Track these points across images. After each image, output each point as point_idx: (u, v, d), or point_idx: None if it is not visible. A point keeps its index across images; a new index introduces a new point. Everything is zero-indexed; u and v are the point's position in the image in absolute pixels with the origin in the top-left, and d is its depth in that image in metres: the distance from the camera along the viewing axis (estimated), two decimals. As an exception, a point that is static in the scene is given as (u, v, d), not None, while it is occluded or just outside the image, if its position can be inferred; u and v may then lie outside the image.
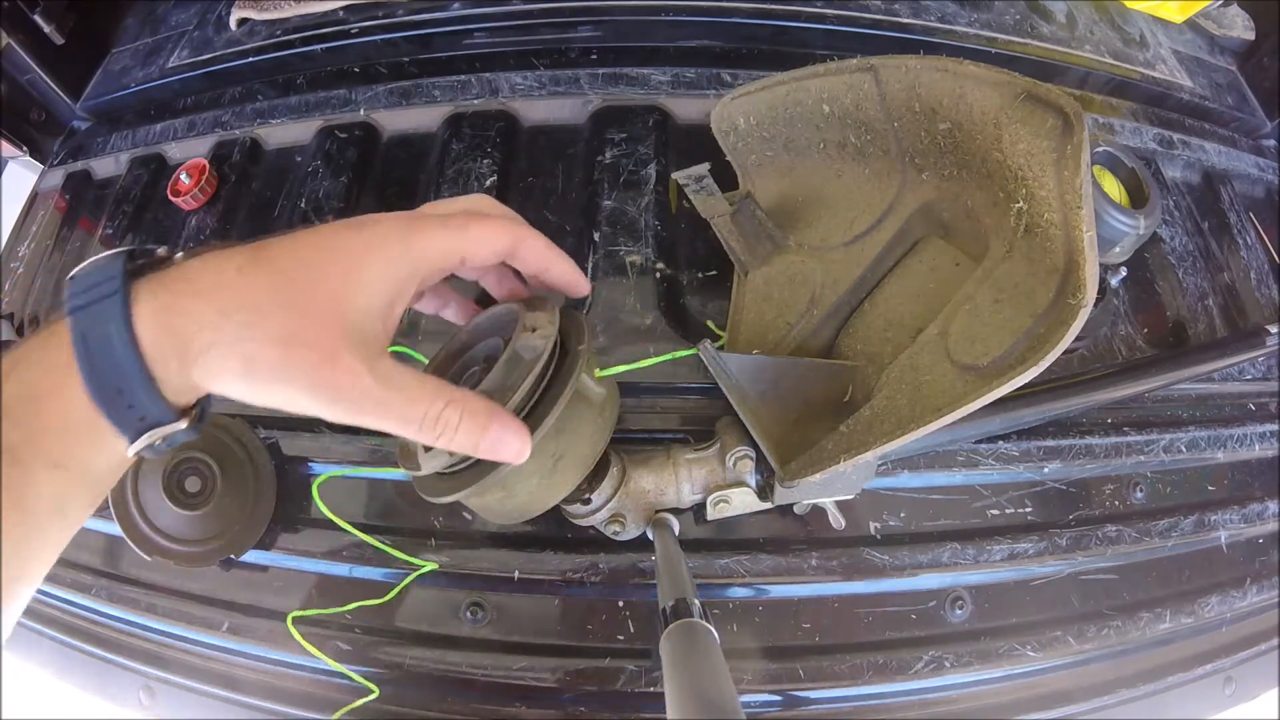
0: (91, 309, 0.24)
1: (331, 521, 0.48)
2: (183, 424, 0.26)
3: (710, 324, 0.50)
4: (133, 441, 0.25)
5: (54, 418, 0.24)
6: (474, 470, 0.33)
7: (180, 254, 0.26)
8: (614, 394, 0.39)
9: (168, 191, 0.64)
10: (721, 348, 0.43)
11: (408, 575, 0.47)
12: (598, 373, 0.38)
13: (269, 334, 0.25)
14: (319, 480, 0.47)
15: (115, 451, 0.25)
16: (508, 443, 0.30)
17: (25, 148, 0.77)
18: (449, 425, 0.28)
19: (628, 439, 0.47)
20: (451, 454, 0.31)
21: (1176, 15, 0.80)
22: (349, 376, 0.26)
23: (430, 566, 0.46)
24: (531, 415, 0.33)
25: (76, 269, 0.26)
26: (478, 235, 0.31)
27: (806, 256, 0.44)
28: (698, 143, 0.54)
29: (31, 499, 0.24)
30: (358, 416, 0.27)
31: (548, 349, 0.33)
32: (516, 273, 0.37)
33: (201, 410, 0.27)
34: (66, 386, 0.24)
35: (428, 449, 0.32)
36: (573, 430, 0.35)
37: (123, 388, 0.24)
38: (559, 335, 0.34)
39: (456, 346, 0.38)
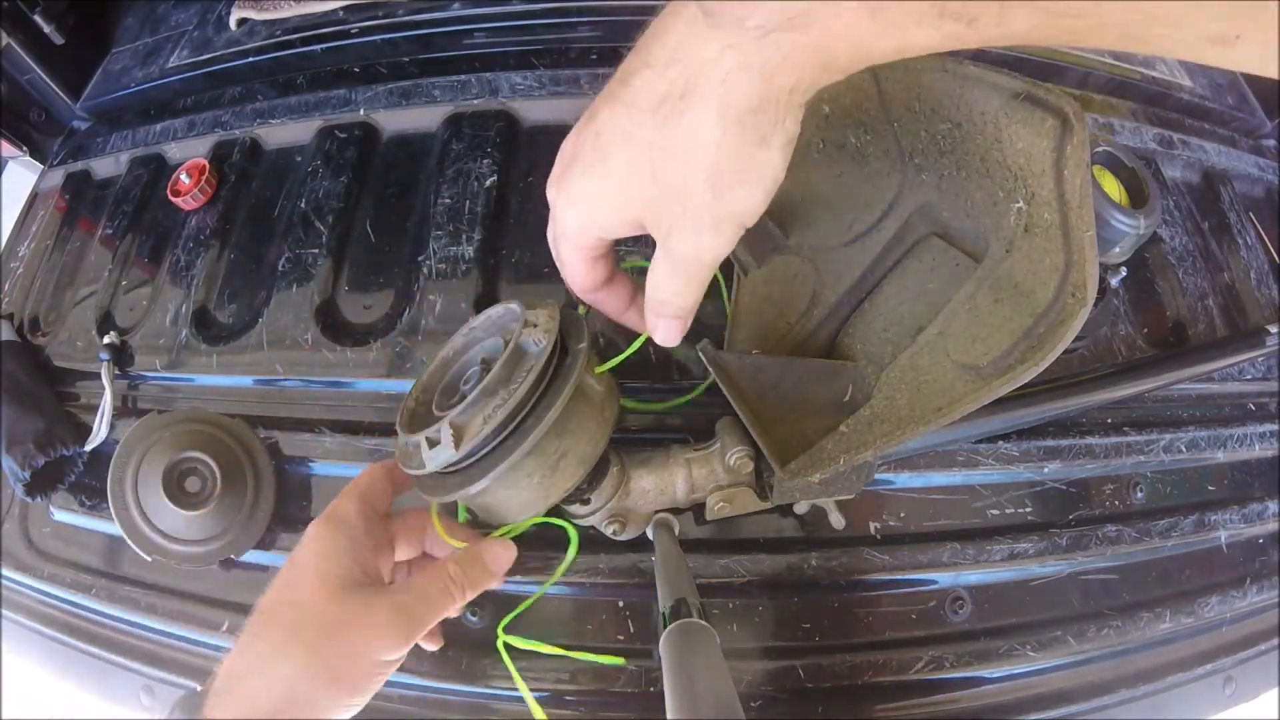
0: None
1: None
2: None
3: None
4: None
5: None
6: (477, 468, 0.33)
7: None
8: (614, 391, 0.39)
9: (168, 191, 0.64)
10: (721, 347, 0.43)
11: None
12: (596, 369, 0.38)
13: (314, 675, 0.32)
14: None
15: None
16: (501, 560, 0.38)
17: (25, 148, 0.77)
18: (460, 587, 0.36)
19: (628, 439, 0.47)
20: (455, 452, 0.32)
21: (1176, 15, 0.80)
22: (373, 645, 0.33)
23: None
24: (534, 411, 0.33)
25: None
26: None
27: (806, 256, 0.44)
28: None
29: None
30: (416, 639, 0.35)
31: (550, 345, 0.33)
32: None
33: None
34: None
35: (431, 446, 0.32)
36: (575, 428, 0.35)
37: None
38: (559, 334, 0.34)
39: (450, 354, 0.38)
